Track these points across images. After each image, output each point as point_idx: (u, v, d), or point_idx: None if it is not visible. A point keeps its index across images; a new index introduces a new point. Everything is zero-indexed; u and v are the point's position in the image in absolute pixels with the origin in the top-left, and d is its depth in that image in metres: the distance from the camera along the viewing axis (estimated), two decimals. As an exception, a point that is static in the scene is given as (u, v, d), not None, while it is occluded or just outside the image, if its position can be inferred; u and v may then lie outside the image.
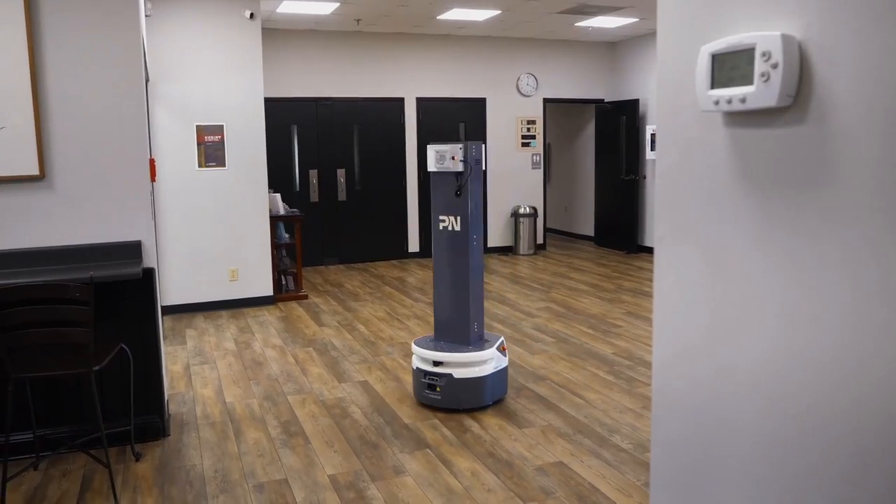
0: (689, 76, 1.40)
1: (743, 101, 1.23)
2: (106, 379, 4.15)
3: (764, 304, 1.26)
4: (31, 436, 3.96)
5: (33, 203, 4.06)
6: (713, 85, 1.30)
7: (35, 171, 4.02)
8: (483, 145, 4.65)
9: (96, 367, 3.44)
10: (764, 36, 1.19)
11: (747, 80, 1.23)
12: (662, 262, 1.52)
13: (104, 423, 4.07)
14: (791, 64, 1.16)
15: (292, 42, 9.91)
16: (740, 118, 1.30)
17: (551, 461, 3.90)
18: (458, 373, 4.52)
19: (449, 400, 4.55)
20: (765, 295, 1.26)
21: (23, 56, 3.93)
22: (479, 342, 4.70)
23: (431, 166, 4.61)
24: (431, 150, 4.59)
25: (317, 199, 10.30)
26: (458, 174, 4.55)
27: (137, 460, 4.00)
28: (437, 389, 4.56)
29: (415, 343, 4.77)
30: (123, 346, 3.95)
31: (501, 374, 4.71)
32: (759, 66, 1.20)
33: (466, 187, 4.55)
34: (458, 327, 4.71)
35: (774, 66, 1.17)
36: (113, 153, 4.14)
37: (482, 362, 4.56)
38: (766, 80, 1.19)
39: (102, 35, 4.07)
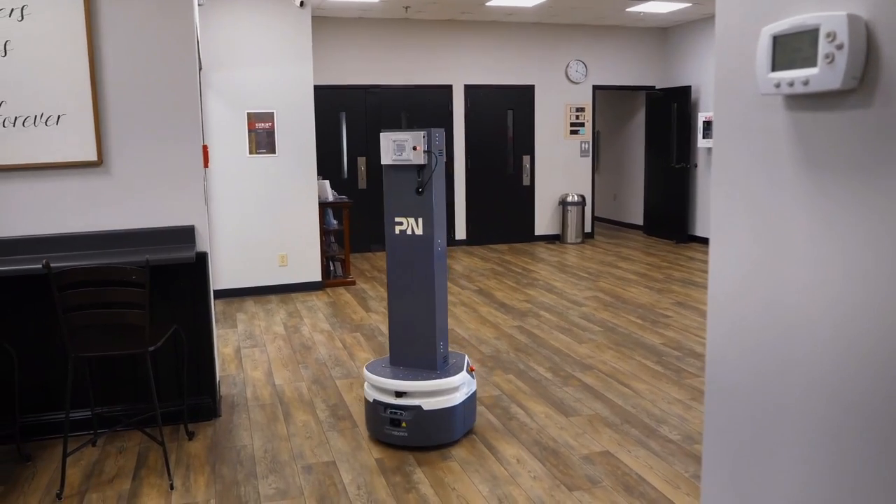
0: (748, 59, 1.37)
1: (806, 83, 1.20)
2: (160, 360, 4.25)
3: (825, 293, 1.23)
4: (90, 413, 4.09)
5: (91, 188, 4.17)
6: (774, 67, 1.27)
7: (93, 157, 4.13)
8: (443, 133, 3.99)
9: (151, 348, 3.53)
10: (829, 16, 1.15)
11: (810, 62, 1.19)
12: (718, 250, 1.49)
13: (158, 402, 4.18)
14: (857, 45, 1.13)
15: (341, 30, 9.96)
16: (802, 101, 1.26)
17: (598, 450, 3.88)
18: (428, 404, 3.85)
19: (417, 436, 3.86)
20: (826, 284, 1.23)
21: (82, 46, 4.03)
22: (445, 366, 4.06)
23: (386, 158, 3.90)
24: (386, 139, 3.88)
25: (365, 186, 10.37)
26: (419, 167, 3.85)
27: (190, 439, 4.10)
28: (403, 425, 3.87)
29: (368, 369, 4.03)
30: (177, 327, 4.04)
31: (471, 402, 4.10)
32: (823, 47, 1.16)
33: (431, 183, 3.87)
34: (422, 349, 4.02)
35: (839, 48, 1.14)
36: (168, 140, 4.23)
37: (453, 389, 3.90)
38: (830, 62, 1.15)
39: (157, 24, 4.15)
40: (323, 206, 8.16)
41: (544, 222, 11.30)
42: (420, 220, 3.92)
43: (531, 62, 10.89)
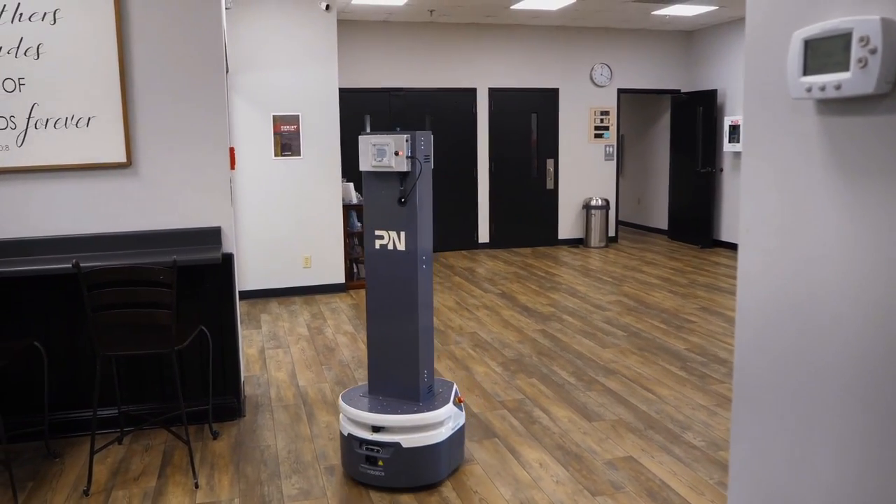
0: (779, 63, 1.36)
1: (838, 87, 1.19)
2: (186, 359, 4.30)
3: (857, 298, 1.22)
4: (117, 411, 4.14)
5: (120, 189, 4.22)
6: (806, 72, 1.26)
7: (122, 159, 4.18)
8: (431, 136, 3.59)
9: (178, 348, 3.56)
10: (862, 20, 1.14)
11: (843, 66, 1.18)
12: (747, 254, 1.48)
13: (184, 401, 4.22)
14: (891, 49, 1.12)
15: (366, 33, 10.01)
16: (834, 106, 1.25)
17: (621, 455, 3.86)
18: (408, 440, 3.43)
19: (395, 476, 3.45)
20: (858, 288, 1.22)
21: (112, 49, 4.09)
22: (431, 395, 3.66)
23: (365, 163, 3.50)
24: (366, 143, 3.47)
25: (388, 189, 10.39)
26: (402, 175, 3.46)
27: (215, 438, 4.13)
28: (380, 464, 3.45)
29: (343, 399, 3.63)
30: (203, 328, 4.08)
31: (459, 437, 3.67)
32: (856, 51, 1.15)
33: (414, 193, 3.46)
34: (403, 378, 3.62)
35: (873, 52, 1.13)
36: (195, 142, 4.27)
37: (438, 424, 3.48)
38: (863, 66, 1.14)
39: (186, 28, 4.19)
40: (347, 208, 8.20)
41: (568, 226, 11.26)
42: (402, 233, 3.51)
43: (555, 65, 10.87)
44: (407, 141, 3.42)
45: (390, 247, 3.56)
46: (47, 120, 4.08)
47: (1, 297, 4.00)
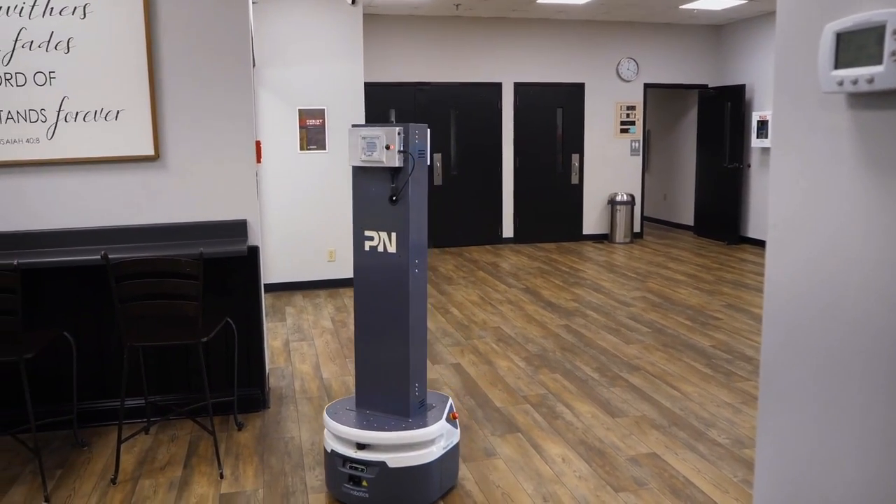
0: (810, 57, 1.34)
1: (870, 81, 1.17)
2: (212, 351, 4.34)
3: (886, 295, 1.20)
4: (143, 402, 4.19)
5: (148, 182, 4.27)
6: (837, 65, 1.24)
7: (150, 152, 4.23)
8: (426, 129, 3.32)
9: (204, 339, 3.60)
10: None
11: (875, 59, 1.16)
12: (775, 251, 1.46)
13: (209, 392, 4.27)
14: (926, 42, 1.10)
15: (392, 27, 10.02)
16: (866, 99, 1.23)
17: (644, 452, 3.84)
18: (395, 460, 3.17)
19: (380, 499, 3.20)
20: (888, 286, 1.20)
21: (140, 43, 4.13)
22: (422, 411, 3.39)
23: (354, 158, 3.25)
24: (355, 135, 3.23)
25: (412, 183, 10.41)
26: (394, 171, 3.21)
27: (240, 429, 4.18)
28: (364, 484, 3.21)
29: (327, 412, 3.39)
30: (229, 320, 4.11)
31: (452, 456, 3.40)
32: (889, 44, 1.13)
33: (407, 191, 3.20)
34: (392, 391, 3.36)
35: (907, 45, 1.11)
36: (222, 135, 4.31)
37: (428, 442, 3.22)
38: (896, 60, 1.12)
39: (213, 22, 4.22)
40: (371, 202, 8.22)
41: (592, 221, 11.20)
42: (394, 235, 3.25)
43: (582, 60, 10.80)
44: (399, 134, 3.16)
45: (380, 249, 3.30)
46: (77, 113, 4.13)
47: (31, 288, 4.07)
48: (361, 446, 3.22)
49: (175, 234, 4.26)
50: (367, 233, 3.32)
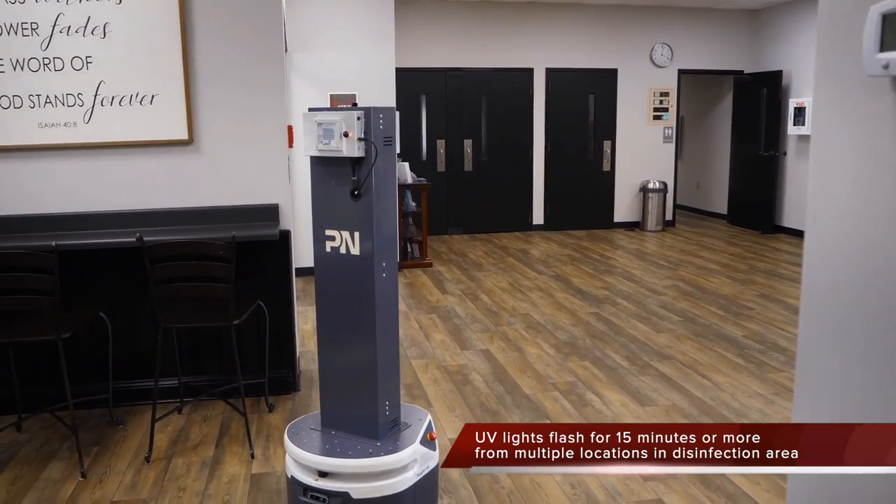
0: (854, 39, 1.31)
1: (917, 64, 1.14)
2: (244, 333, 4.38)
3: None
4: (177, 382, 4.26)
5: (181, 166, 4.32)
6: (883, 48, 1.21)
7: (184, 136, 4.27)
8: (396, 112, 2.96)
9: (236, 322, 3.64)
10: (946, -7, 1.09)
11: (923, 42, 1.13)
12: (814, 240, 1.44)
13: (241, 374, 4.32)
14: (977, 24, 1.06)
15: (424, 13, 9.99)
16: (912, 84, 1.20)
17: (674, 441, 3.81)
18: (360, 490, 2.78)
19: None
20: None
21: (175, 29, 4.17)
22: (394, 432, 2.98)
23: (311, 147, 2.87)
24: (310, 121, 2.85)
25: (443, 169, 10.41)
26: (354, 161, 2.81)
27: (270, 411, 4.22)
28: None
29: (289, 434, 2.99)
30: (260, 303, 4.15)
31: (429, 482, 2.95)
32: (938, 26, 1.10)
33: (370, 183, 2.81)
34: (359, 410, 2.96)
35: (957, 27, 1.07)
36: (255, 120, 4.33)
37: (399, 469, 2.81)
38: (946, 42, 1.09)
39: (246, 8, 4.24)
40: (402, 188, 8.23)
41: (624, 209, 11.11)
42: (357, 234, 2.86)
43: (614, 45, 10.67)
44: (359, 119, 2.76)
45: (343, 250, 2.91)
46: (113, 97, 4.18)
47: (69, 269, 4.14)
48: (323, 474, 2.83)
49: (208, 217, 4.30)
50: (328, 232, 2.94)
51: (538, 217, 10.84)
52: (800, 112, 9.75)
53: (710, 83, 12.06)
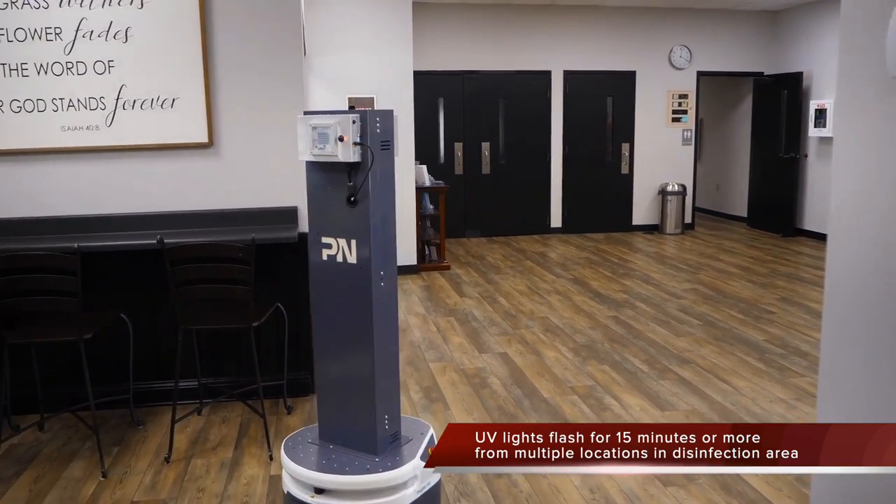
0: (877, 40, 1.30)
1: (944, 65, 1.12)
2: (263, 335, 4.41)
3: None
4: (196, 383, 4.29)
5: (202, 168, 4.35)
6: (908, 48, 1.19)
7: (204, 139, 4.30)
8: (395, 116, 2.88)
9: (255, 324, 3.66)
10: (973, -7, 1.08)
11: (950, 42, 1.12)
12: (838, 243, 1.42)
13: (260, 376, 4.34)
14: None
15: (441, 16, 10.00)
16: (938, 85, 1.19)
17: (694, 446, 3.78)
18: None
19: None
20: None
21: (195, 33, 4.20)
22: (394, 447, 2.90)
23: (305, 152, 2.81)
24: (304, 125, 2.78)
25: (461, 172, 10.41)
26: (351, 167, 2.74)
27: (289, 413, 4.24)
28: None
29: (285, 448, 2.93)
30: (279, 305, 4.17)
31: (431, 499, 2.88)
32: (965, 26, 1.09)
33: (367, 189, 2.74)
34: (357, 424, 2.89)
35: (985, 27, 1.06)
36: (273, 123, 4.35)
37: (398, 486, 2.74)
38: (973, 42, 1.08)
39: (266, 12, 4.27)
40: (420, 190, 8.25)
41: (642, 212, 11.05)
42: (353, 242, 2.79)
43: (633, 47, 10.63)
44: (354, 122, 2.68)
45: (339, 258, 2.84)
46: (134, 101, 4.22)
47: (90, 271, 4.17)
48: (319, 490, 2.75)
49: (228, 219, 4.33)
50: (324, 239, 2.87)
51: (556, 220, 10.81)
52: (821, 114, 9.66)
53: (730, 85, 11.98)
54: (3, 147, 4.18)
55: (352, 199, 2.75)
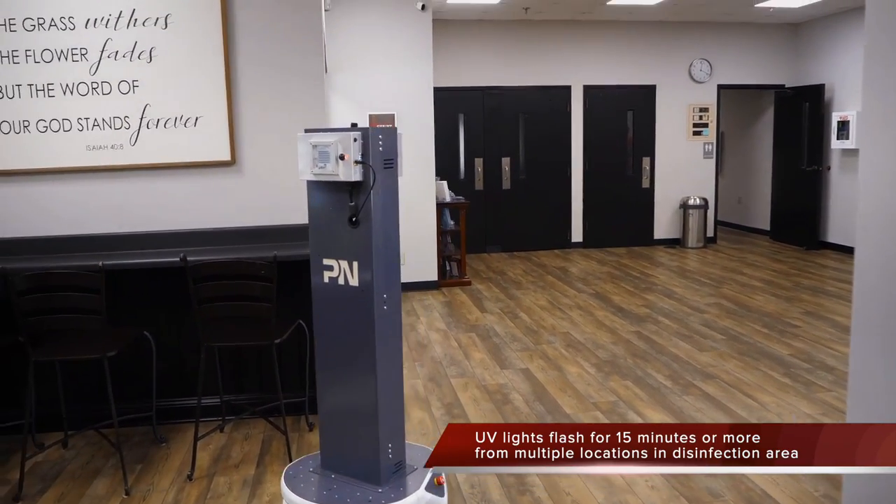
0: (903, 51, 1.28)
1: (972, 75, 1.11)
2: (285, 352, 4.42)
3: None
4: (219, 401, 4.30)
5: (224, 186, 4.39)
6: (935, 59, 1.18)
7: (227, 157, 4.35)
8: (399, 134, 2.80)
9: (277, 340, 3.67)
10: None
11: (978, 52, 1.10)
12: (865, 256, 1.40)
13: (282, 393, 4.34)
14: None
15: (461, 32, 10.05)
16: (967, 95, 1.17)
17: (720, 462, 3.73)
18: None
19: None
20: None
21: (218, 52, 4.26)
22: (398, 476, 2.80)
23: (306, 171, 2.77)
24: (305, 143, 2.75)
25: (481, 187, 10.42)
26: (352, 186, 2.69)
27: (310, 430, 4.24)
28: None
29: (286, 477, 2.89)
30: (301, 322, 4.18)
31: None
32: None
33: (368, 208, 2.67)
34: (360, 453, 2.81)
35: None
36: (295, 141, 4.38)
37: None
38: None
39: (288, 31, 4.32)
40: (440, 206, 8.26)
41: (664, 226, 10.99)
42: (355, 264, 2.71)
43: (653, 62, 10.61)
44: (355, 140, 2.61)
45: (341, 281, 2.76)
46: (158, 120, 4.28)
47: (114, 288, 4.21)
48: None
49: (250, 237, 4.36)
50: (325, 261, 2.81)
51: (577, 234, 10.78)
52: (843, 126, 9.57)
53: (751, 98, 11.91)
54: (30, 166, 4.25)
55: (353, 219, 2.69)
